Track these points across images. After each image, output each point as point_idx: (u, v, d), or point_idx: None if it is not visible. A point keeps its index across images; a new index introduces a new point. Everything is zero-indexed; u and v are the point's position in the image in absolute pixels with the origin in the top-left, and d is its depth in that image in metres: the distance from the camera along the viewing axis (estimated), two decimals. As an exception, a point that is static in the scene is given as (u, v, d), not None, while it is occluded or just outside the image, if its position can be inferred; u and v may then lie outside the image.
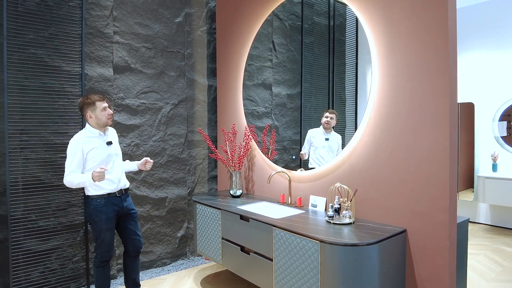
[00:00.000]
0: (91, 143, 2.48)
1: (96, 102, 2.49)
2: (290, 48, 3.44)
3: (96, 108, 2.49)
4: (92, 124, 2.52)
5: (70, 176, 2.41)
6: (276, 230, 2.26)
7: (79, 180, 2.40)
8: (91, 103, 2.48)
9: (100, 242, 2.53)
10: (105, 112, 2.51)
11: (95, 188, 2.49)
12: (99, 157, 2.50)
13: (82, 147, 2.44)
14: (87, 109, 2.49)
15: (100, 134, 2.54)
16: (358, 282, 1.91)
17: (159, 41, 3.46)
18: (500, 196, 4.44)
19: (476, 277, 3.17)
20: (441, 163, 1.97)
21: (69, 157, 2.44)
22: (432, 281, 2.02)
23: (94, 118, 2.50)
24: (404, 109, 2.14)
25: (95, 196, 2.50)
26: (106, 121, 2.53)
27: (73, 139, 2.47)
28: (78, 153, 2.43)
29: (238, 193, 3.15)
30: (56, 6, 2.84)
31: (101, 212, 2.49)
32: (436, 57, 1.98)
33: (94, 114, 2.49)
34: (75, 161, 2.42)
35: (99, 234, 2.51)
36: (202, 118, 3.80)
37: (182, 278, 3.26)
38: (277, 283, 2.25)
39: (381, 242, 1.95)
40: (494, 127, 4.78)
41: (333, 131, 2.78)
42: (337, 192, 2.38)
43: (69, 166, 2.42)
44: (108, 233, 2.53)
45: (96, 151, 2.48)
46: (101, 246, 2.54)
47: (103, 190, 2.51)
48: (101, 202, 2.49)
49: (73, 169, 2.42)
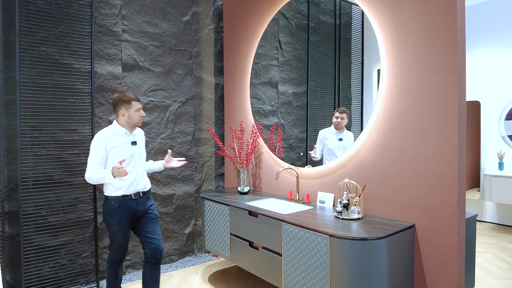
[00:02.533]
0: (115, 141, 2.43)
1: (133, 101, 2.47)
2: (296, 46, 3.46)
3: (131, 107, 2.46)
4: (122, 122, 2.48)
5: (91, 171, 2.38)
6: (285, 225, 2.28)
7: (99, 176, 2.35)
8: (127, 101, 2.45)
9: (113, 242, 2.51)
10: (138, 113, 2.49)
11: (112, 189, 2.44)
12: (121, 156, 2.41)
13: (105, 143, 2.39)
14: (121, 106, 2.45)
15: (126, 133, 2.49)
16: (367, 276, 1.92)
17: (167, 40, 3.49)
18: (506, 194, 4.43)
19: (483, 274, 3.17)
20: (450, 158, 1.98)
21: (91, 153, 2.40)
22: (441, 275, 2.03)
23: (127, 117, 2.46)
24: (412, 106, 2.15)
25: (111, 197, 2.45)
26: (138, 122, 2.51)
27: (98, 135, 2.42)
28: (101, 149, 2.38)
29: (246, 190, 3.17)
30: (66, 5, 2.88)
31: (114, 214, 2.44)
32: (445, 54, 1.99)
33: (128, 112, 2.45)
34: (98, 157, 2.38)
35: (111, 235, 2.50)
36: (209, 116, 3.83)
37: (190, 274, 3.29)
38: (286, 277, 2.27)
39: (390, 236, 1.96)
40: (501, 126, 4.77)
41: (346, 129, 2.77)
42: (346, 188, 2.40)
43: (91, 162, 2.39)
44: (120, 235, 2.48)
45: (119, 149, 2.42)
46: (114, 247, 2.52)
47: (118, 191, 2.44)
48: (114, 204, 2.43)
49: (95, 165, 2.38)
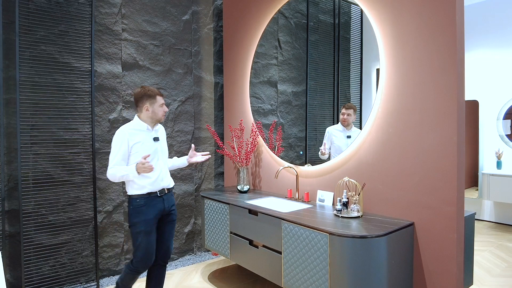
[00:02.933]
0: (137, 136, 2.33)
1: (157, 96, 2.39)
2: (295, 46, 3.47)
3: (155, 102, 2.38)
4: (144, 117, 2.38)
5: (113, 168, 2.27)
6: (285, 223, 2.29)
7: (122, 173, 2.25)
8: (152, 95, 2.37)
9: (137, 246, 2.33)
10: (162, 108, 2.41)
11: (136, 187, 2.32)
12: (144, 152, 2.32)
13: (128, 139, 2.29)
14: (146, 101, 2.36)
15: (148, 128, 2.39)
16: (367, 273, 1.94)
17: (167, 39, 3.49)
18: (504, 193, 4.45)
19: (481, 272, 3.19)
20: (449, 157, 1.99)
21: (113, 149, 2.30)
22: (440, 273, 2.05)
23: (151, 112, 2.37)
24: (412, 104, 2.17)
25: (136, 196, 2.33)
26: (161, 117, 2.42)
27: (120, 131, 2.32)
28: (124, 145, 2.28)
29: (246, 189, 3.18)
30: (65, 4, 2.88)
31: (139, 213, 2.31)
32: (444, 53, 2.01)
33: (152, 107, 2.37)
34: (120, 153, 2.28)
35: (136, 237, 2.33)
36: (208, 115, 3.83)
37: (189, 273, 3.29)
38: (286, 275, 2.28)
39: (389, 234, 1.98)
40: (499, 125, 4.79)
41: (354, 126, 2.74)
42: (345, 186, 2.41)
43: (113, 159, 2.28)
44: (146, 237, 2.32)
45: (141, 146, 2.33)
46: (138, 251, 2.33)
47: (144, 189, 2.33)
48: (140, 202, 2.32)
49: (117, 161, 2.27)
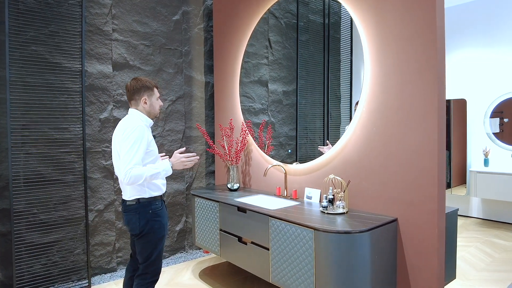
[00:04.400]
0: (149, 133, 2.11)
1: (154, 88, 2.19)
2: (286, 45, 3.52)
3: (153, 95, 2.17)
4: (143, 112, 2.16)
5: (135, 169, 1.94)
6: (272, 220, 2.34)
7: (152, 172, 1.99)
8: (150, 87, 2.16)
9: (157, 256, 2.12)
10: (158, 102, 2.22)
11: (154, 188, 2.10)
12: (155, 151, 2.13)
13: (147, 135, 2.05)
14: (144, 93, 2.13)
15: (151, 124, 2.20)
16: (351, 268, 1.99)
17: (157, 39, 3.52)
18: (491, 190, 4.54)
19: (466, 267, 3.27)
20: (430, 155, 2.05)
21: (133, 147, 1.96)
22: (422, 267, 2.11)
23: (148, 105, 2.15)
24: (394, 103, 2.22)
25: (156, 198, 2.12)
26: (157, 112, 2.22)
27: (138, 125, 2.02)
28: (144, 142, 2.01)
29: (236, 187, 3.22)
30: (56, 4, 2.90)
31: (160, 216, 2.11)
32: (425, 54, 2.07)
33: (150, 100, 2.16)
34: (141, 151, 1.99)
35: (155, 245, 2.10)
36: (199, 114, 3.87)
37: (181, 270, 3.33)
38: (273, 271, 2.34)
39: (372, 230, 2.03)
40: (486, 123, 4.88)
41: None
42: (331, 184, 2.46)
43: (133, 158, 1.95)
44: (164, 242, 2.17)
45: (153, 144, 2.12)
46: (156, 261, 2.13)
47: (160, 191, 2.14)
48: (159, 205, 2.11)
49: (138, 161, 1.96)
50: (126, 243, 3.36)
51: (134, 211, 2.07)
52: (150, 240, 2.08)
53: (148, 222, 2.06)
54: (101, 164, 3.20)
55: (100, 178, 3.20)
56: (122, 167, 1.97)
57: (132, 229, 2.09)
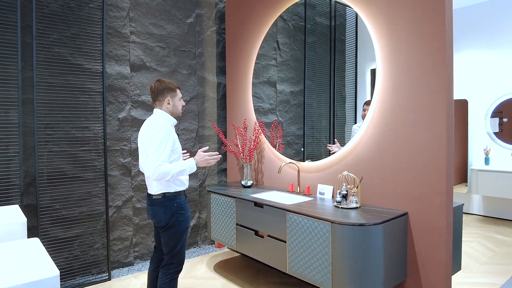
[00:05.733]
0: (174, 132, 2.24)
1: (177, 89, 2.31)
2: (293, 47, 3.65)
3: (176, 96, 2.30)
4: (167, 112, 2.29)
5: (163, 166, 2.08)
6: (289, 214, 2.47)
7: (179, 169, 2.14)
8: (173, 88, 2.28)
9: (181, 247, 2.26)
10: (181, 102, 2.35)
11: (179, 183, 2.25)
12: (179, 149, 2.26)
13: (172, 134, 2.18)
14: (167, 94, 2.26)
15: (175, 124, 2.33)
16: (365, 258, 2.13)
17: (172, 41, 3.65)
18: (492, 187, 4.69)
19: (470, 261, 3.42)
20: (440, 152, 2.19)
21: (160, 145, 2.10)
22: (431, 258, 2.25)
23: (171, 106, 2.28)
24: (406, 104, 2.36)
25: (180, 192, 2.26)
26: (180, 112, 2.35)
27: (165, 125, 2.16)
28: (170, 141, 2.15)
29: (249, 184, 3.35)
30: (77, 8, 3.02)
31: (184, 210, 2.26)
32: (434, 56, 2.21)
33: (173, 101, 2.29)
34: (167, 149, 2.13)
35: (180, 237, 2.24)
36: (212, 114, 4.00)
37: (196, 264, 3.46)
38: (290, 262, 2.47)
39: (385, 222, 2.17)
40: (487, 123, 5.03)
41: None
42: (344, 180, 2.60)
43: (161, 156, 2.09)
44: (187, 234, 2.32)
45: (178, 142, 2.26)
46: (180, 252, 2.26)
47: (184, 186, 2.29)
48: (183, 199, 2.27)
49: (165, 159, 2.10)
50: (143, 238, 3.48)
51: (160, 205, 2.20)
52: (175, 232, 2.22)
53: (174, 215, 2.20)
54: (120, 162, 3.32)
55: (119, 175, 3.32)
56: (150, 164, 2.10)
57: (158, 221, 2.22)
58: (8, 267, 1.33)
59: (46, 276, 1.24)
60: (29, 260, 1.42)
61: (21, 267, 1.33)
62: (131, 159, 3.39)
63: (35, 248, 1.56)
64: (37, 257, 1.45)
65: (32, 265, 1.36)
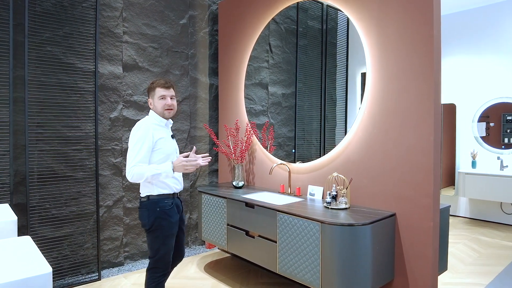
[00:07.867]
0: (160, 132, 2.16)
1: (156, 88, 2.20)
2: (285, 50, 3.70)
3: (154, 95, 2.20)
4: (155, 112, 2.23)
5: (138, 167, 2.02)
6: (280, 214, 2.50)
7: (154, 172, 2.04)
8: (152, 87, 2.22)
9: (166, 252, 2.17)
10: (162, 101, 2.19)
11: (163, 186, 2.16)
12: (166, 150, 2.17)
13: (152, 133, 2.10)
14: (149, 94, 2.24)
15: (167, 124, 2.25)
16: (354, 258, 2.17)
17: (165, 42, 3.66)
18: (478, 190, 4.80)
19: (455, 261, 3.49)
20: (427, 154, 2.25)
21: (136, 145, 2.05)
22: (418, 257, 2.30)
23: (153, 106, 2.23)
24: (394, 107, 2.42)
25: (163, 196, 2.16)
26: (161, 112, 2.20)
27: (142, 124, 2.11)
28: (148, 140, 2.07)
29: (241, 184, 3.38)
30: (70, 7, 3.02)
31: (169, 215, 2.15)
32: (423, 61, 2.26)
33: (152, 100, 2.22)
34: (144, 149, 2.05)
35: (163, 242, 2.15)
36: (204, 115, 4.02)
37: (186, 264, 3.47)
38: (280, 261, 2.50)
39: (374, 223, 2.21)
40: (474, 127, 5.14)
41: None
42: (334, 181, 2.64)
43: (136, 156, 2.04)
44: (173, 239, 2.21)
45: (164, 142, 2.16)
46: (166, 257, 2.18)
47: (171, 189, 2.19)
48: (168, 203, 2.16)
49: (141, 159, 2.04)
50: (134, 238, 3.48)
51: (145, 207, 2.16)
52: (157, 236, 2.15)
53: (156, 219, 2.13)
54: (111, 161, 3.32)
55: (110, 175, 3.32)
56: (126, 164, 2.09)
57: (143, 224, 2.19)
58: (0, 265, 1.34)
59: (38, 273, 1.25)
60: (21, 258, 1.42)
61: (13, 265, 1.34)
62: (122, 159, 3.39)
63: (26, 246, 1.56)
64: (29, 255, 1.45)
65: (24, 263, 1.36)
